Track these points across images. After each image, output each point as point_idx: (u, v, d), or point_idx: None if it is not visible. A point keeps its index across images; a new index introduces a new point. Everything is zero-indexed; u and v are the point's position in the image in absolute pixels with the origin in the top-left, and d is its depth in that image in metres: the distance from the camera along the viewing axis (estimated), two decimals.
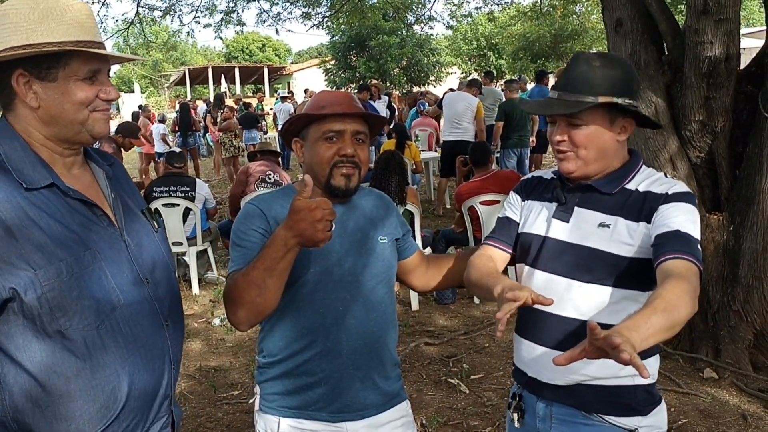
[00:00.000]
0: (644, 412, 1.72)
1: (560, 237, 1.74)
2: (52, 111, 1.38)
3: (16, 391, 1.34)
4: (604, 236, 1.67)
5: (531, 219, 1.84)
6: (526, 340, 1.80)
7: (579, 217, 1.73)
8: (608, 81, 1.66)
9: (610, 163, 1.73)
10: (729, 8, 3.73)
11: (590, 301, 1.68)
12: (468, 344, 4.73)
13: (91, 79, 1.40)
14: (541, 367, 1.76)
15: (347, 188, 1.79)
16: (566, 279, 1.71)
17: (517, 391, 1.89)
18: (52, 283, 1.30)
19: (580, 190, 1.75)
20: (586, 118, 1.67)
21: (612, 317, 1.61)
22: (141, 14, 9.72)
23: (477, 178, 5.98)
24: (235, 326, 1.72)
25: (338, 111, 1.76)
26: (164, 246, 1.61)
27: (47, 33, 1.34)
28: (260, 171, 6.69)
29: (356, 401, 1.81)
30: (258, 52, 61.80)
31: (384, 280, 1.86)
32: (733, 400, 3.75)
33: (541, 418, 1.80)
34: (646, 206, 1.66)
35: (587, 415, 1.72)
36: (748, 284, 3.98)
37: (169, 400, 1.55)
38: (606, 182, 1.72)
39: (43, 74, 1.36)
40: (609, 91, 1.65)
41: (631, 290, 1.67)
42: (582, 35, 26.64)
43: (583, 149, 1.69)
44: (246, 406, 3.91)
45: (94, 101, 1.41)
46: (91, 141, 1.46)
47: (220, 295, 6.16)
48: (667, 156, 4.10)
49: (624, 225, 1.66)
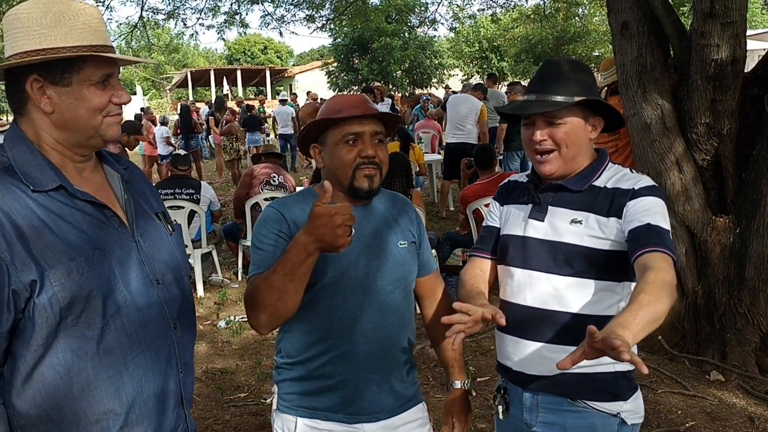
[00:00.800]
0: (625, 397, 1.81)
1: (537, 235, 1.84)
2: (67, 116, 1.39)
3: (24, 396, 1.34)
4: (578, 231, 1.77)
5: (509, 222, 1.94)
6: (509, 336, 1.88)
7: (553, 215, 1.83)
8: (580, 83, 1.80)
9: (582, 161, 1.84)
10: (735, 11, 3.73)
11: (569, 294, 1.78)
12: (474, 347, 4.73)
13: (103, 83, 1.40)
14: (526, 360, 1.84)
15: (371, 189, 1.80)
16: (545, 274, 1.81)
17: (502, 384, 1.97)
18: (63, 283, 1.31)
19: (552, 190, 1.85)
20: (565, 116, 1.78)
21: (592, 308, 1.75)
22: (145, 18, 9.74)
23: (482, 180, 5.98)
24: (256, 329, 1.74)
25: (355, 113, 1.77)
26: (179, 250, 1.61)
27: (61, 38, 1.35)
28: (264, 173, 6.70)
29: (373, 404, 1.82)
30: (260, 55, 61.83)
31: (402, 285, 1.86)
32: (740, 402, 3.75)
33: (527, 408, 1.87)
34: (615, 202, 1.76)
35: (572, 402, 1.81)
36: (755, 287, 3.98)
37: (181, 406, 1.55)
38: (575, 181, 1.83)
39: (57, 79, 1.36)
40: (582, 91, 1.79)
41: (607, 281, 1.77)
42: (584, 37, 26.63)
43: (564, 147, 1.79)
44: (253, 408, 3.92)
45: (108, 106, 1.42)
46: (102, 145, 1.47)
47: (225, 298, 6.17)
48: (673, 159, 4.10)
49: (594, 220, 1.76)
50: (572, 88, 1.78)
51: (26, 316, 1.31)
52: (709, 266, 4.13)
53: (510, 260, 1.90)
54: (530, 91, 1.85)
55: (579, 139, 1.80)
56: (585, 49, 26.98)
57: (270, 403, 1.94)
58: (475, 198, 5.70)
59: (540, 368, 1.81)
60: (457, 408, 2.00)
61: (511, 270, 1.89)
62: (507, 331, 1.88)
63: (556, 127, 1.78)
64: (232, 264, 7.18)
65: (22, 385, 1.34)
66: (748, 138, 4.06)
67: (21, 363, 1.33)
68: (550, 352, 1.78)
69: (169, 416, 1.51)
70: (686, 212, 4.13)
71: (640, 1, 4.15)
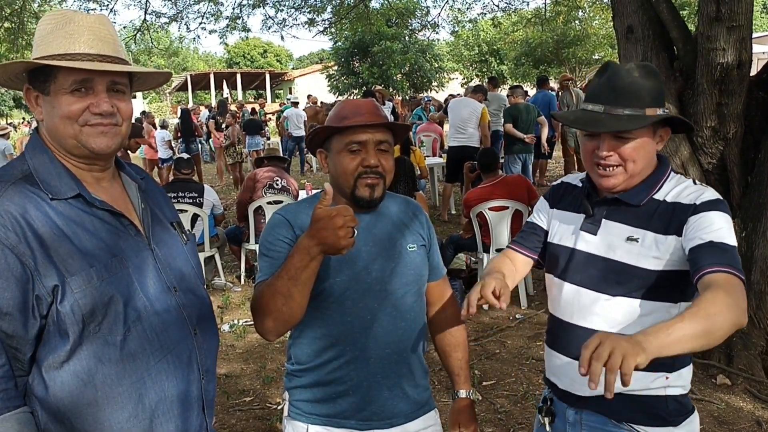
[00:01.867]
0: (675, 422, 1.70)
1: (588, 250, 1.74)
2: (48, 124, 1.41)
3: (48, 402, 1.34)
4: (633, 250, 1.66)
5: (559, 230, 1.84)
6: (556, 352, 1.82)
7: (607, 229, 1.72)
8: (651, 92, 1.64)
9: (645, 173, 1.71)
10: (741, 15, 3.73)
11: (618, 314, 1.67)
12: (479, 350, 4.72)
13: (81, 90, 1.37)
14: (571, 379, 1.76)
15: (372, 198, 1.78)
16: (594, 292, 1.71)
17: (548, 396, 1.90)
18: (83, 290, 1.32)
19: (608, 203, 1.73)
20: (635, 131, 1.63)
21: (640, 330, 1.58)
22: (148, 22, 9.75)
23: (485, 184, 5.97)
24: (263, 336, 1.73)
25: (360, 122, 1.74)
26: (193, 259, 1.62)
27: (44, 47, 1.38)
28: (267, 177, 6.69)
29: (385, 409, 1.80)
30: (259, 58, 61.93)
31: (414, 288, 1.85)
32: (747, 406, 3.74)
33: (571, 423, 1.81)
34: (675, 218, 1.63)
35: (617, 423, 1.72)
36: (761, 290, 3.98)
37: (203, 412, 1.55)
38: (634, 194, 1.70)
39: (41, 87, 1.39)
40: (653, 102, 1.64)
41: (661, 302, 1.65)
42: (584, 41, 26.68)
43: (631, 162, 1.66)
44: (259, 413, 3.91)
45: (83, 114, 1.38)
46: (90, 155, 1.41)
47: (228, 301, 6.16)
48: (678, 162, 4.10)
49: (653, 238, 1.64)
50: (644, 99, 1.62)
51: (50, 322, 1.32)
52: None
53: (558, 272, 1.81)
54: (596, 100, 1.68)
55: (647, 154, 1.68)
56: (585, 52, 27.04)
57: (277, 408, 1.93)
58: (478, 201, 5.71)
59: (584, 388, 1.67)
60: (464, 418, 1.97)
61: (558, 282, 1.80)
62: (555, 348, 1.83)
63: (624, 142, 1.64)
64: (235, 267, 7.17)
65: (45, 393, 1.34)
66: (754, 142, 4.06)
67: (45, 371, 1.34)
68: None
69: (192, 422, 1.51)
70: None
71: (645, 5, 4.16)
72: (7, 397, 1.29)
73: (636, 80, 1.64)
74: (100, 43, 1.39)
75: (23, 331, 1.30)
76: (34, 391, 1.35)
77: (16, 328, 1.30)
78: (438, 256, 1.99)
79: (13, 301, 1.28)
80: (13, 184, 1.33)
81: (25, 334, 1.31)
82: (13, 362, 1.32)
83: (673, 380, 1.69)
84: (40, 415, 1.35)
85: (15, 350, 1.31)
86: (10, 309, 1.28)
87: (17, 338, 1.30)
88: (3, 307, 1.28)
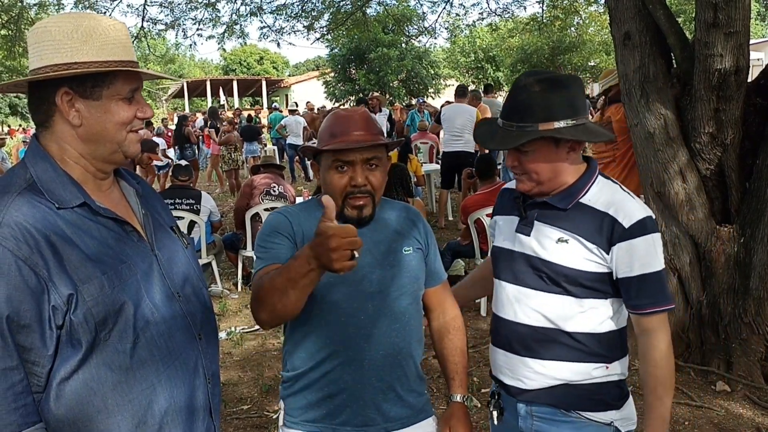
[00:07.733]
0: (617, 406, 1.83)
1: (523, 250, 1.83)
2: (94, 129, 1.39)
3: (57, 411, 1.33)
4: (563, 251, 1.76)
5: (501, 233, 1.95)
6: (499, 349, 1.90)
7: (539, 231, 1.81)
8: (548, 106, 1.69)
9: (564, 179, 1.78)
10: (739, 21, 3.73)
11: (556, 310, 1.78)
12: (477, 357, 4.71)
13: (129, 98, 1.42)
14: (517, 374, 1.85)
15: (360, 218, 1.76)
16: (530, 290, 1.81)
17: (496, 390, 1.97)
18: (96, 297, 1.31)
19: (538, 206, 1.83)
20: (530, 145, 1.72)
21: (581, 324, 1.77)
22: (146, 28, 9.76)
23: (483, 190, 5.98)
24: (258, 323, 1.72)
25: (343, 145, 1.71)
26: (194, 263, 1.62)
27: (93, 52, 1.36)
28: (264, 183, 6.69)
29: (380, 414, 1.79)
30: (255, 65, 61.98)
31: (408, 291, 1.83)
32: (747, 413, 3.73)
33: (522, 416, 1.87)
34: (604, 231, 1.72)
35: (566, 412, 1.82)
36: (760, 296, 3.97)
37: (210, 417, 1.55)
38: (559, 198, 1.79)
39: (87, 93, 1.37)
40: (550, 116, 1.69)
41: (593, 299, 1.77)
42: (579, 47, 26.79)
43: (533, 173, 1.76)
44: (257, 421, 3.88)
45: (133, 121, 1.43)
46: (123, 161, 1.48)
47: (225, 308, 6.14)
48: (676, 168, 4.10)
49: (581, 243, 1.74)
50: (539, 113, 1.69)
51: (63, 333, 1.31)
52: (713, 276, 4.12)
53: (499, 273, 1.90)
54: (501, 115, 1.79)
55: (550, 165, 1.75)
56: (580, 59, 27.15)
57: (275, 417, 1.92)
58: (476, 208, 5.70)
59: (531, 383, 1.82)
60: (455, 422, 1.91)
61: (500, 283, 1.90)
62: (498, 345, 1.91)
63: (523, 155, 1.75)
64: (232, 274, 7.15)
65: (56, 403, 1.32)
66: (752, 147, 4.05)
67: (56, 381, 1.32)
68: (541, 367, 1.80)
69: (199, 427, 1.51)
70: (690, 222, 4.13)
71: (642, 12, 4.16)
72: (26, 413, 1.28)
73: (532, 95, 1.70)
74: (132, 50, 1.44)
75: (41, 344, 1.29)
76: (43, 400, 1.33)
77: (34, 341, 1.28)
78: (438, 261, 1.98)
79: (31, 312, 1.27)
80: (19, 194, 1.32)
81: (42, 346, 1.29)
82: (30, 377, 1.30)
83: (613, 369, 1.82)
84: (49, 424, 1.33)
85: (32, 365, 1.30)
86: (28, 321, 1.27)
87: (35, 351, 1.29)
88: (21, 319, 1.26)
